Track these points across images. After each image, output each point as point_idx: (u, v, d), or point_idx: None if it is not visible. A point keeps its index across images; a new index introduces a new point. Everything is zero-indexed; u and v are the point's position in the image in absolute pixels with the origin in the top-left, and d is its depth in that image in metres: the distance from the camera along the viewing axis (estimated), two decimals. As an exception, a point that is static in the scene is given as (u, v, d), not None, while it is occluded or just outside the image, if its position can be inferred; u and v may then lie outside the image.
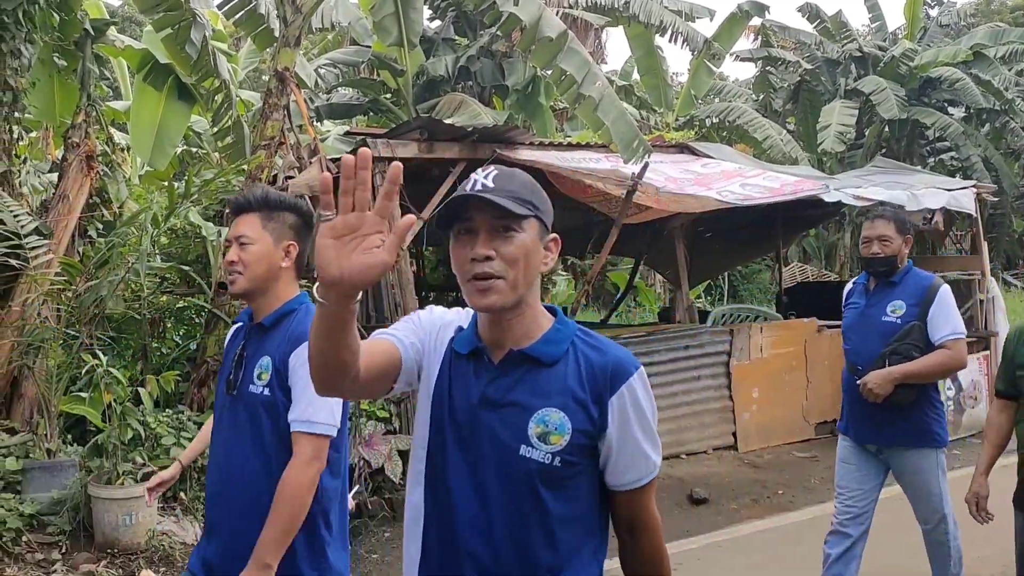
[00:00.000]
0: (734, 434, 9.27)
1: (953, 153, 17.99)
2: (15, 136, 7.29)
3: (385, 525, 6.93)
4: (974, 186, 10.51)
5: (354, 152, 1.57)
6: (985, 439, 3.92)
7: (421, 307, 2.29)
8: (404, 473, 7.26)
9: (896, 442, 4.52)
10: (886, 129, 17.98)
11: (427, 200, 7.99)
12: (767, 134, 15.66)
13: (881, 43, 18.82)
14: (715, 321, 11.90)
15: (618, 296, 14.78)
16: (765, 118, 16.84)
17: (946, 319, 4.41)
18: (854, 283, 4.85)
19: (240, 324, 2.93)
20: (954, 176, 15.04)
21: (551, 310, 2.04)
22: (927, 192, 9.47)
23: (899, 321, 4.45)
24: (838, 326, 10.16)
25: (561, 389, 1.92)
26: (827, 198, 9.08)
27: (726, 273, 17.77)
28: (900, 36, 19.54)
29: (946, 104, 17.99)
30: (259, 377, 2.70)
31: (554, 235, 1.99)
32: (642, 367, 2.00)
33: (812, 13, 18.75)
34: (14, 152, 7.30)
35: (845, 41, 18.35)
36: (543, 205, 1.96)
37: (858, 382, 4.49)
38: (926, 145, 19.02)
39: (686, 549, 6.40)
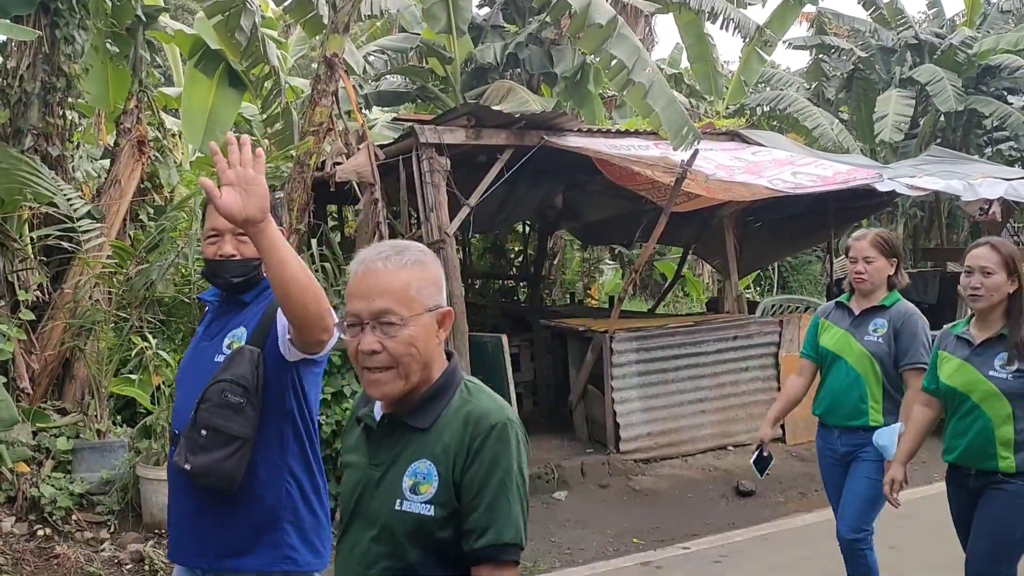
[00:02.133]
0: (782, 426, 9.09)
1: (1012, 143, 17.55)
2: (69, 122, 7.39)
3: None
4: (1033, 175, 10.23)
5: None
6: None
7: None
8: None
9: (215, 560, 2.74)
10: (942, 118, 17.58)
11: (474, 186, 7.98)
12: (818, 123, 15.42)
13: (938, 30, 18.39)
14: (764, 312, 11.75)
15: (666, 286, 14.68)
16: (817, 107, 16.57)
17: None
18: (211, 295, 3.03)
19: None
20: (1013, 166, 14.67)
21: None
22: (984, 181, 9.23)
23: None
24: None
25: None
26: (880, 187, 8.89)
27: (776, 264, 17.55)
28: (958, 23, 19.08)
29: (1005, 92, 17.53)
30: None
31: None
32: None
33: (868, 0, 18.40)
34: (68, 137, 7.39)
35: (901, 28, 17.95)
36: None
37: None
38: (983, 135, 18.54)
39: (732, 542, 6.34)
